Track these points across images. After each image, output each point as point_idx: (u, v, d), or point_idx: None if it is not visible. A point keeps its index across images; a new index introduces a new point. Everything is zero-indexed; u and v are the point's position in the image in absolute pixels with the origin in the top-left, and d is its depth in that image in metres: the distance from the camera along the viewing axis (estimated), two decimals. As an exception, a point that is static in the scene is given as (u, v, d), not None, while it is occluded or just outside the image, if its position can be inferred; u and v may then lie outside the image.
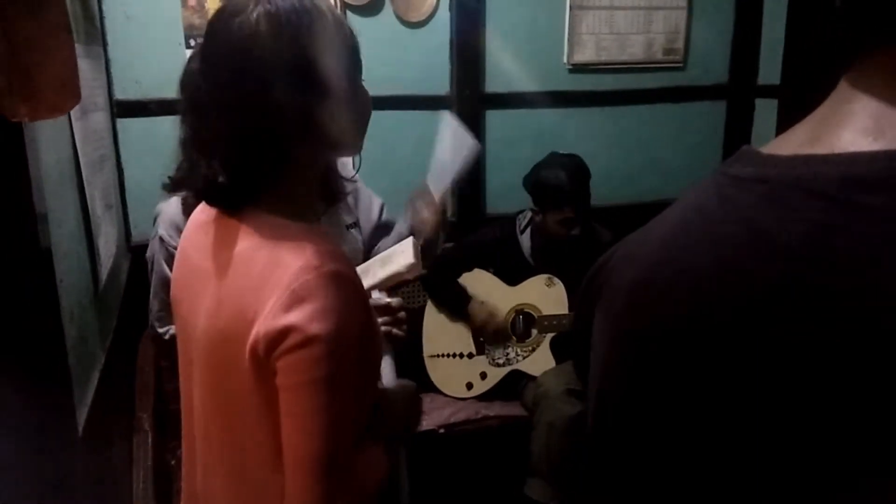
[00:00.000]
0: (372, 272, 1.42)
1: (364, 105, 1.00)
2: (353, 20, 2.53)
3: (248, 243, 0.88)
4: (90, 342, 1.53)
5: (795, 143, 0.46)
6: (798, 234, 0.41)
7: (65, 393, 1.22)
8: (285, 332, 0.80)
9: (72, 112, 1.45)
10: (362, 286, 0.89)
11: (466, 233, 2.64)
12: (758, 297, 0.43)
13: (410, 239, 1.42)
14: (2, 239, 1.04)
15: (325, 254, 0.85)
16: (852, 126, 0.44)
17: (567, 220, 2.34)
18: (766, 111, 3.01)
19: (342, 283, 0.84)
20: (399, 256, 1.40)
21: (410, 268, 1.33)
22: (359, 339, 0.84)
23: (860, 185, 0.40)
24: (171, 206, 1.57)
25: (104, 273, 1.71)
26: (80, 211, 1.55)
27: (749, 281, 0.43)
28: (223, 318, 0.88)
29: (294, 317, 0.80)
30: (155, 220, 1.63)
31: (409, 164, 2.74)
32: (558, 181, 2.32)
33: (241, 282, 0.87)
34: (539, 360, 2.43)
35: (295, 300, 0.81)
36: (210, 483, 1.00)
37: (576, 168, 2.37)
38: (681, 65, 2.95)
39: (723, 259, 0.45)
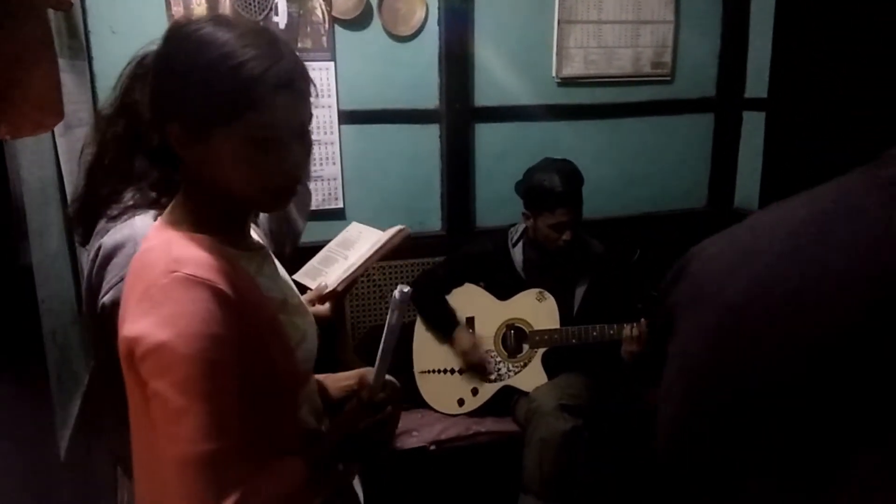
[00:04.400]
0: (339, 256, 1.45)
1: (237, 154, 0.87)
2: (342, 34, 2.53)
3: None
4: (74, 362, 1.50)
5: None
6: None
7: (46, 416, 1.19)
8: (138, 339, 0.82)
9: (55, 128, 1.42)
10: (225, 292, 0.85)
11: (456, 247, 2.62)
12: None
13: (354, 223, 1.53)
14: (-19, 259, 1.02)
15: (187, 259, 0.85)
16: None
17: (559, 224, 2.33)
18: (753, 124, 3.03)
19: (195, 288, 0.83)
20: (366, 233, 1.46)
21: (398, 232, 1.42)
22: (216, 341, 0.82)
23: None
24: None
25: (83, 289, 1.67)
26: (64, 228, 1.52)
27: None
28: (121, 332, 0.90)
29: (145, 323, 0.81)
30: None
31: (398, 178, 2.73)
32: (552, 184, 2.31)
33: (126, 291, 0.89)
34: (531, 376, 2.41)
35: (149, 305, 0.82)
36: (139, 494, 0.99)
37: (570, 172, 2.37)
38: (668, 78, 2.96)
39: (887, 262, 0.42)
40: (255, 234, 1.12)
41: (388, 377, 1.07)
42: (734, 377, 0.49)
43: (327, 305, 1.38)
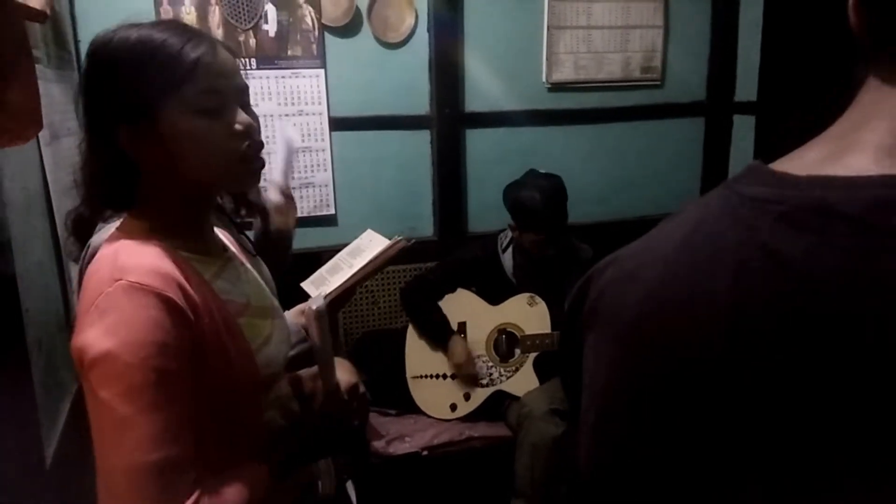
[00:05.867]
0: (345, 265, 1.46)
1: (193, 134, 0.88)
2: (332, 42, 2.54)
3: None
4: (61, 371, 1.50)
5: (812, 161, 0.44)
6: (826, 260, 0.40)
7: (31, 425, 1.19)
8: (84, 348, 0.81)
9: (41, 137, 1.43)
10: (172, 299, 0.84)
11: (448, 252, 2.63)
12: (787, 326, 0.41)
13: (368, 230, 1.55)
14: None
15: (132, 267, 0.84)
16: (875, 146, 0.42)
17: (542, 241, 2.34)
18: (743, 127, 3.04)
19: (139, 295, 0.82)
20: (375, 242, 1.48)
21: (395, 244, 1.44)
22: (162, 348, 0.81)
23: (890, 210, 0.39)
24: None
25: (76, 299, 1.68)
26: (51, 238, 1.52)
27: (776, 310, 0.41)
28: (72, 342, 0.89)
29: (92, 332, 0.81)
30: None
31: (390, 184, 2.73)
32: (534, 204, 2.31)
33: (78, 302, 0.89)
34: (523, 380, 2.41)
35: (96, 314, 0.82)
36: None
37: (552, 191, 2.35)
38: (658, 83, 2.97)
39: (744, 286, 0.43)
40: (228, 241, 1.11)
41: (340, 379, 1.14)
42: (632, 406, 0.50)
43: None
